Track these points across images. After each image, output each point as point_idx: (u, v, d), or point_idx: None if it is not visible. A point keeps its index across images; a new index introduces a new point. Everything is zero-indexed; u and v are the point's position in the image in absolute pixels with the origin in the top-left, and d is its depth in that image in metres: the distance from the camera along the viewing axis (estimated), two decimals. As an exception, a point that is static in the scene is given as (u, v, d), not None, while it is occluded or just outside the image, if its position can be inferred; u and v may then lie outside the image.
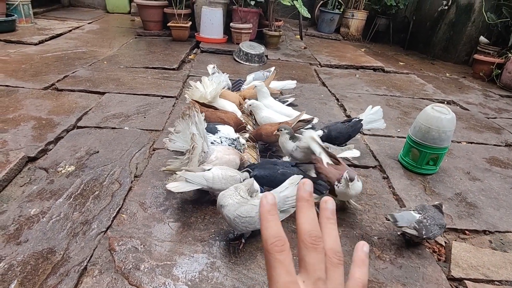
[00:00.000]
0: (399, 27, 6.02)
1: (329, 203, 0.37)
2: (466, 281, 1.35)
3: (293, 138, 1.78)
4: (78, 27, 4.75)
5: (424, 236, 1.38)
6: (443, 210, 1.47)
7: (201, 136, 1.57)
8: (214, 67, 2.39)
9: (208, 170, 1.45)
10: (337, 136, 2.03)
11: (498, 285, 1.35)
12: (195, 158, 1.49)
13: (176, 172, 1.42)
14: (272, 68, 2.87)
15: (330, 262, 0.34)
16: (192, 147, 1.48)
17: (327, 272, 0.33)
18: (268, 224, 0.33)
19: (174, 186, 1.40)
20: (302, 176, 1.32)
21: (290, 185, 1.31)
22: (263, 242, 0.33)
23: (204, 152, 1.57)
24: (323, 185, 1.58)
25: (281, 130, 1.79)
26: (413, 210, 1.45)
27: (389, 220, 1.44)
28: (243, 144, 1.84)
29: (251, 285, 1.22)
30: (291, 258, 0.31)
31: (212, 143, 1.73)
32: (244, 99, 2.47)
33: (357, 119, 2.07)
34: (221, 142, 1.77)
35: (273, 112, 2.20)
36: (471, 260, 1.44)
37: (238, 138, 1.84)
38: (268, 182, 1.61)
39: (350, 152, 1.85)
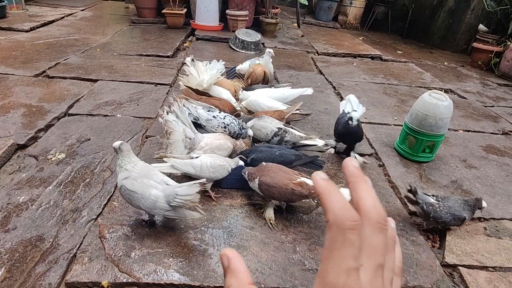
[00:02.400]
0: (397, 15, 5.93)
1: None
2: (460, 267, 1.34)
3: (249, 119, 1.90)
4: (70, 14, 4.64)
5: (431, 218, 1.43)
6: (481, 205, 1.46)
7: (184, 123, 1.54)
8: (192, 60, 2.27)
9: (196, 157, 1.43)
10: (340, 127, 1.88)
11: (492, 271, 1.34)
12: (176, 143, 1.47)
13: (164, 159, 1.39)
14: (271, 50, 2.75)
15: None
16: (167, 132, 1.45)
17: None
18: (334, 194, 0.28)
19: (159, 166, 1.37)
20: (198, 186, 1.20)
21: (188, 184, 1.22)
22: (329, 214, 0.27)
23: (190, 139, 1.53)
24: (320, 161, 1.68)
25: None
26: (432, 195, 1.49)
27: (410, 189, 1.48)
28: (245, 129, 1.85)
29: (244, 272, 1.21)
30: (360, 240, 0.27)
31: (214, 117, 1.76)
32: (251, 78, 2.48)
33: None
34: (224, 117, 1.80)
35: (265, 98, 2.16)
36: (465, 246, 1.44)
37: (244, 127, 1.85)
38: None
39: (313, 141, 1.83)
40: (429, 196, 1.48)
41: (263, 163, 1.48)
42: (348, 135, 1.87)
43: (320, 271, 0.27)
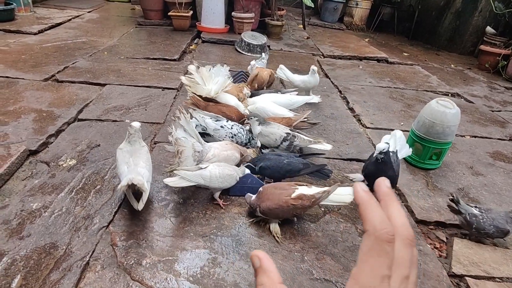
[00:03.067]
0: (404, 16, 5.90)
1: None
2: (466, 278, 1.35)
3: (262, 123, 1.88)
4: (77, 16, 4.69)
5: (474, 229, 1.46)
6: None
7: (192, 136, 1.56)
8: (198, 67, 2.25)
9: (205, 168, 1.45)
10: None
11: (499, 282, 1.35)
12: (187, 161, 1.49)
13: (174, 171, 1.42)
14: (263, 54, 2.85)
15: None
16: (178, 151, 1.48)
17: None
18: (374, 208, 0.32)
19: (172, 181, 1.40)
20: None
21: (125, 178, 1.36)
22: (368, 225, 0.31)
23: (198, 152, 1.55)
24: (328, 170, 1.69)
25: (251, 118, 1.89)
26: (475, 207, 1.50)
27: (452, 199, 1.50)
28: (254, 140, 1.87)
29: (253, 281, 1.23)
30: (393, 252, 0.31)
31: (222, 127, 1.80)
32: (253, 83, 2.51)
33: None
34: (231, 127, 1.83)
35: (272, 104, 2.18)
36: (472, 256, 1.44)
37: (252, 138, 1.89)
38: (274, 173, 1.62)
39: (321, 145, 1.85)
40: (472, 207, 1.50)
41: (260, 188, 1.47)
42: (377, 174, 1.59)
43: (355, 272, 0.30)
